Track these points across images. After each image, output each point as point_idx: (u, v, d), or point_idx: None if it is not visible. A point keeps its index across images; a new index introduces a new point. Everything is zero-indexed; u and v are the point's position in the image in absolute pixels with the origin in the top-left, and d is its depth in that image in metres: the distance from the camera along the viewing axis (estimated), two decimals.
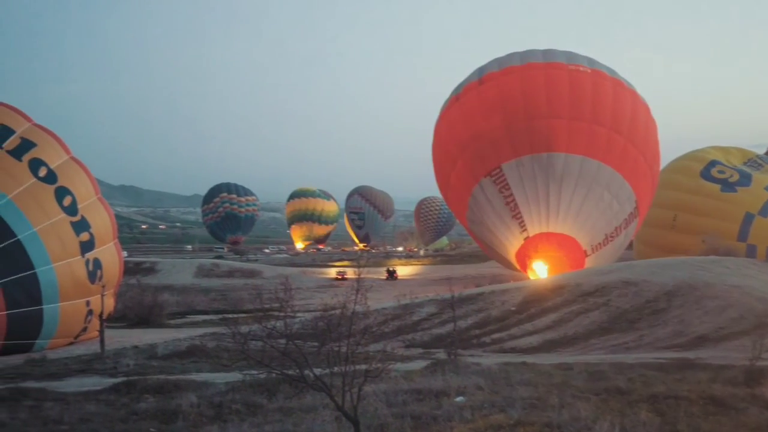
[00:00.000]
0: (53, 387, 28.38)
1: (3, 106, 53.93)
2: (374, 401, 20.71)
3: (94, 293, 49.92)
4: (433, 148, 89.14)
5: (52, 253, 48.03)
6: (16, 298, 45.94)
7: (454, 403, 21.59)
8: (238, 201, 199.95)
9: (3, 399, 24.80)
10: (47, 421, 21.39)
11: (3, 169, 48.78)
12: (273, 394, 23.54)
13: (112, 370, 35.58)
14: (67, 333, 50.49)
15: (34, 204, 48.55)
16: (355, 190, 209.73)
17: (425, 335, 50.77)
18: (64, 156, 53.25)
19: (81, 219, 50.83)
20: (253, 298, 68.60)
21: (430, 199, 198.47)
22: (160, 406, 22.75)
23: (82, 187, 52.75)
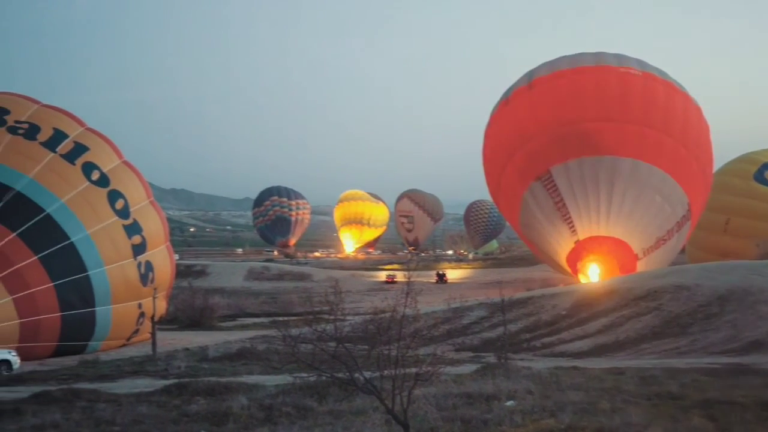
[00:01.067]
0: (106, 388, 28.62)
1: (57, 111, 54.61)
2: (424, 405, 20.63)
3: (146, 296, 50.31)
4: (483, 151, 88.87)
5: (104, 256, 48.50)
6: (70, 300, 46.46)
7: (504, 407, 21.46)
8: (288, 204, 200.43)
9: (57, 400, 25.05)
10: (100, 422, 21.56)
11: (57, 172, 49.37)
12: (323, 396, 23.54)
13: (163, 372, 35.85)
14: (120, 335, 50.96)
15: (87, 207, 49.06)
16: (404, 193, 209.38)
17: (475, 339, 50.62)
18: (117, 160, 53.79)
19: (133, 222, 51.28)
20: (303, 300, 68.91)
21: (479, 202, 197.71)
22: (210, 408, 22.85)
23: (135, 191, 53.23)
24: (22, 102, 54.03)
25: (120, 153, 54.80)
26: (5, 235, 45.43)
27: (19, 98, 54.79)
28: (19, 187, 47.24)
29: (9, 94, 55.38)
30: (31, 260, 45.45)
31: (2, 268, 44.41)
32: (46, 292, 45.49)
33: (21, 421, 21.62)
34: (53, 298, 45.77)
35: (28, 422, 21.38)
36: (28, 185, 47.63)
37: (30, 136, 50.51)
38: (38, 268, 45.59)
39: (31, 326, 44.66)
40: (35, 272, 45.42)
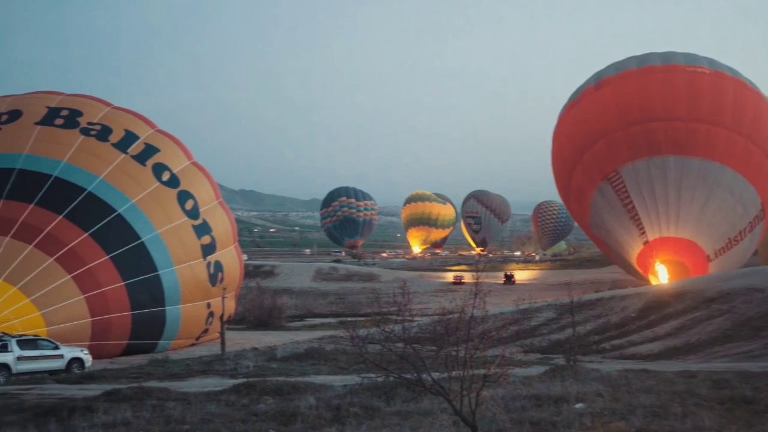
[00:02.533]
0: (175, 387, 28.86)
1: (128, 113, 55.35)
2: (492, 406, 20.52)
3: (215, 295, 50.72)
4: (552, 152, 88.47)
5: (174, 256, 49.00)
6: (140, 299, 47.00)
7: (573, 410, 21.25)
8: (356, 205, 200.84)
9: (127, 398, 25.31)
10: (170, 420, 21.74)
11: (127, 173, 49.99)
12: (391, 397, 23.51)
13: (232, 371, 36.10)
14: (189, 334, 51.44)
15: (157, 207, 49.62)
16: (471, 194, 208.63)
17: (543, 340, 50.30)
18: (186, 161, 54.33)
19: (203, 222, 51.73)
20: (371, 301, 68.91)
21: (547, 203, 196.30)
22: (279, 407, 22.93)
23: (204, 192, 53.71)
24: (94, 104, 54.85)
25: (190, 154, 55.36)
26: (78, 234, 46.09)
27: (92, 100, 55.63)
28: (90, 188, 47.93)
29: (82, 96, 56.25)
30: (102, 259, 46.07)
31: (75, 267, 45.05)
32: (117, 291, 46.06)
33: (92, 418, 21.87)
34: (124, 297, 46.34)
35: (100, 420, 21.62)
36: (100, 186, 48.30)
37: (102, 137, 51.23)
38: (110, 268, 46.18)
39: (103, 325, 45.25)
40: (107, 271, 46.02)
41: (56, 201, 46.89)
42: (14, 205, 46.36)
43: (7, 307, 42.33)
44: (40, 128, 50.78)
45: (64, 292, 44.13)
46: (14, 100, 54.50)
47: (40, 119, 51.47)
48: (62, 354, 38.49)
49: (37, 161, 48.64)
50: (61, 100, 54.49)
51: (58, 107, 52.87)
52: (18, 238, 44.99)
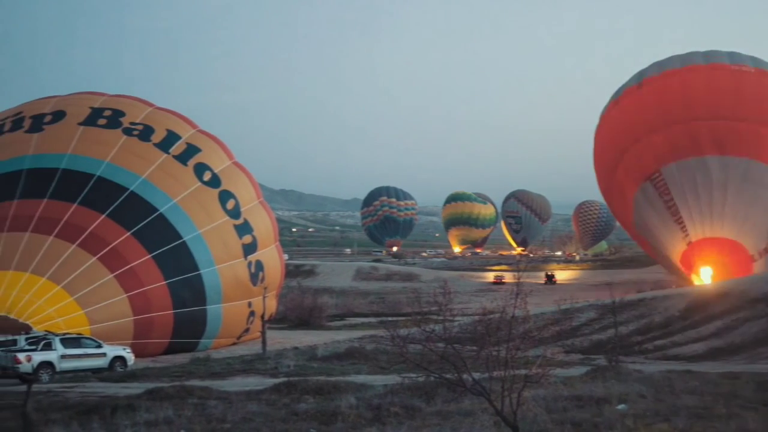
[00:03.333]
0: (217, 386, 28.98)
1: (169, 113, 55.73)
2: (533, 407, 20.37)
3: (256, 295, 50.90)
4: (594, 152, 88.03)
5: (215, 255, 49.25)
6: (182, 298, 47.29)
7: (615, 411, 21.08)
8: (397, 205, 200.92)
9: (169, 396, 25.45)
10: (211, 419, 21.82)
11: (169, 173, 50.34)
12: (431, 397, 23.45)
13: (273, 370, 36.19)
14: (230, 333, 51.67)
15: (198, 207, 49.91)
16: (511, 194, 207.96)
17: (585, 341, 50.01)
18: (228, 161, 54.60)
19: (244, 222, 51.95)
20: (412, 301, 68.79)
21: (588, 202, 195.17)
22: (319, 407, 22.94)
23: (245, 191, 53.94)
24: (136, 104, 55.30)
25: (231, 154, 55.63)
26: (120, 233, 46.48)
27: (134, 101, 56.09)
28: (133, 187, 48.32)
29: (124, 97, 56.71)
30: (145, 258, 46.41)
31: (117, 266, 45.42)
32: (159, 290, 46.38)
33: (135, 416, 22.00)
34: (166, 296, 46.66)
35: (142, 418, 21.74)
36: (142, 185, 48.69)
37: (144, 137, 51.63)
38: (152, 267, 46.52)
39: (145, 323, 45.59)
40: (149, 270, 46.35)
41: (99, 200, 47.33)
42: (58, 204, 46.85)
43: (51, 306, 42.78)
44: (84, 128, 51.29)
45: (106, 291, 44.52)
46: (58, 101, 55.09)
47: (84, 119, 51.99)
48: (105, 352, 38.80)
49: (80, 161, 49.14)
50: (104, 100, 54.99)
51: (101, 107, 53.35)
52: (61, 237, 45.46)
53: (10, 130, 52.37)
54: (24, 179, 48.23)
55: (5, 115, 54.86)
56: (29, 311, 42.26)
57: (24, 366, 35.29)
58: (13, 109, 55.69)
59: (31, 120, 52.59)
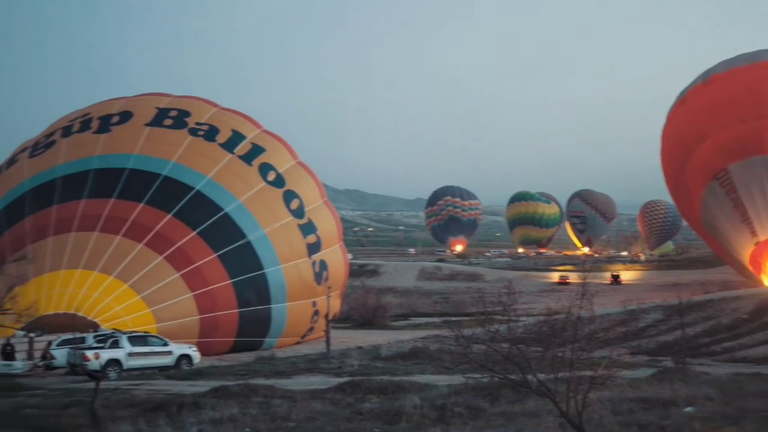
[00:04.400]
0: (281, 384, 29.09)
1: (234, 113, 56.16)
2: (599, 409, 20.16)
3: (320, 294, 51.04)
4: (661, 151, 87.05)
5: (280, 255, 49.49)
6: (247, 298, 47.60)
7: (682, 414, 20.81)
8: (461, 204, 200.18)
9: (234, 394, 25.61)
10: (275, 417, 21.90)
11: (234, 173, 50.71)
12: (495, 398, 23.33)
13: (337, 369, 36.24)
14: (295, 332, 51.89)
15: (263, 207, 50.21)
16: (576, 193, 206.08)
17: (651, 342, 49.45)
18: (292, 161, 54.86)
19: (308, 222, 52.15)
20: (476, 301, 68.54)
21: (654, 202, 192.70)
22: (383, 406, 22.92)
23: (309, 191, 54.15)
24: (202, 105, 55.82)
25: (295, 154, 55.88)
26: (186, 233, 46.94)
27: (200, 101, 56.62)
28: (198, 187, 48.77)
29: (190, 98, 57.27)
30: (210, 258, 46.81)
31: (183, 265, 45.87)
32: (224, 289, 46.74)
33: (200, 414, 22.18)
34: (231, 295, 47.00)
35: (207, 416, 21.91)
36: (208, 185, 49.12)
37: (210, 137, 52.09)
38: (217, 266, 46.90)
39: (211, 322, 45.96)
40: (214, 270, 46.74)
41: (165, 200, 47.85)
42: (125, 204, 47.48)
43: (119, 304, 43.36)
44: (150, 129, 51.91)
45: (173, 290, 44.99)
46: (125, 102, 55.82)
47: (150, 120, 52.62)
48: (171, 350, 39.16)
49: (147, 161, 49.75)
50: (169, 101, 55.60)
51: (167, 108, 53.94)
52: (129, 236, 46.06)
53: (78, 131, 53.22)
54: (92, 179, 48.94)
55: (74, 117, 55.75)
56: (97, 309, 42.89)
57: (92, 363, 35.75)
58: (81, 111, 56.57)
59: (99, 121, 53.38)
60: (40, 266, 43.95)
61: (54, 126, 56.31)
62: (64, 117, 57.24)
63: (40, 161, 51.99)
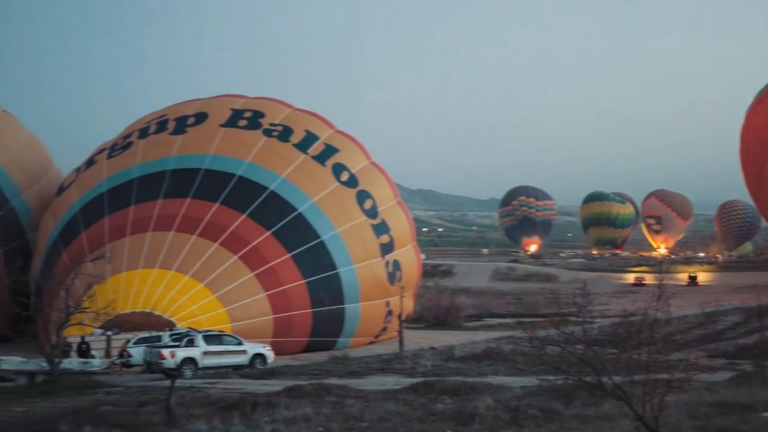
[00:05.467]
0: (354, 384, 29.14)
1: (308, 114, 56.45)
2: (676, 413, 19.88)
3: (393, 294, 51.03)
4: (740, 151, 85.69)
5: (353, 255, 49.61)
6: (321, 297, 47.78)
7: (761, 418, 20.39)
8: (536, 205, 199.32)
9: (308, 394, 25.72)
10: (348, 417, 21.95)
11: (308, 173, 50.97)
12: (570, 400, 23.10)
13: (410, 370, 36.17)
14: (368, 332, 51.98)
15: (336, 207, 50.38)
16: (651, 193, 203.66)
17: (730, 345, 48.62)
18: (365, 161, 54.98)
19: (381, 222, 52.19)
20: (550, 302, 67.83)
21: (732, 202, 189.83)
22: (456, 407, 22.84)
23: (382, 191, 54.20)
24: (276, 106, 56.22)
25: (368, 154, 56.00)
26: (260, 233, 47.30)
27: (274, 102, 57.02)
28: (273, 187, 49.12)
29: (264, 99, 57.67)
30: (284, 258, 47.10)
31: (258, 265, 46.22)
32: (298, 289, 46.98)
33: (274, 413, 22.32)
34: (305, 295, 47.23)
35: (281, 415, 22.03)
36: (282, 185, 49.47)
37: (283, 138, 52.45)
38: (291, 266, 47.17)
39: (284, 322, 46.24)
40: (288, 270, 47.01)
41: (240, 200, 48.29)
42: (200, 204, 48.01)
43: (194, 303, 43.85)
44: (225, 130, 52.44)
45: (247, 290, 45.36)
46: (201, 104, 56.45)
47: (225, 121, 53.15)
48: (246, 350, 39.38)
49: (222, 161, 50.26)
50: (244, 102, 56.10)
51: (242, 109, 54.43)
52: (204, 236, 46.57)
53: (155, 133, 54.00)
54: (168, 180, 49.60)
55: (150, 118, 56.57)
56: (173, 308, 43.41)
57: (168, 362, 36.12)
58: (158, 112, 57.38)
59: (175, 122, 54.09)
60: (117, 265, 44.63)
61: (131, 127, 57.19)
62: (141, 119, 58.14)
63: (117, 162, 52.85)
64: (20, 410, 26.80)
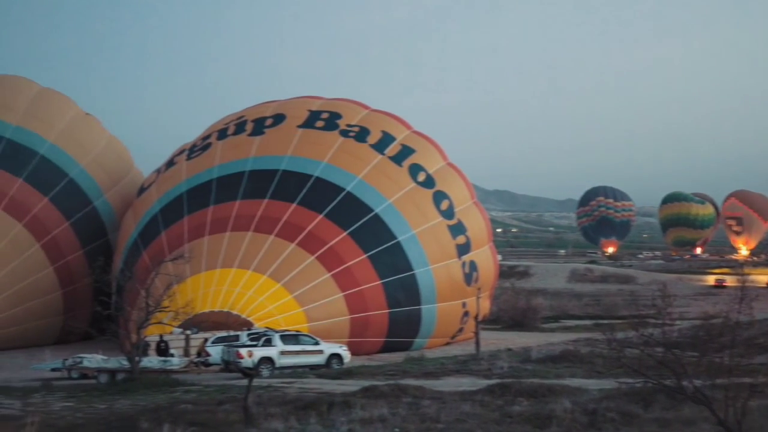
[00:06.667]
0: (430, 385, 29.08)
1: (385, 114, 56.57)
2: (759, 418, 19.49)
3: (470, 295, 50.86)
4: None
5: (430, 255, 49.57)
6: (397, 298, 47.84)
7: None
8: (614, 205, 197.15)
9: (384, 394, 25.73)
10: (425, 418, 21.94)
11: (385, 173, 51.07)
12: (649, 403, 22.77)
13: (486, 371, 35.99)
14: (444, 333, 51.90)
15: (413, 207, 50.39)
16: (732, 194, 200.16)
17: None
18: (442, 161, 54.92)
19: (458, 222, 52.08)
20: (628, 304, 67.02)
21: None
22: (533, 409, 22.68)
23: (459, 192, 54.09)
24: (353, 107, 56.45)
25: (445, 155, 55.92)
26: (337, 233, 47.54)
27: (350, 103, 57.27)
28: (349, 188, 49.33)
29: (341, 100, 57.94)
30: (360, 258, 47.27)
31: (334, 265, 46.46)
32: (374, 289, 47.10)
33: (350, 413, 22.39)
34: (381, 296, 47.33)
35: (357, 415, 22.10)
36: (358, 186, 49.66)
37: (360, 138, 52.64)
38: (367, 266, 47.31)
39: (361, 322, 46.39)
40: (365, 270, 47.16)
41: (317, 200, 48.58)
42: (278, 204, 48.43)
43: (272, 303, 44.23)
44: (303, 131, 52.82)
45: (324, 290, 45.62)
46: (278, 105, 56.94)
47: (303, 122, 53.53)
48: (322, 349, 39.56)
49: (299, 162, 50.64)
50: (321, 103, 56.41)
51: (319, 110, 54.76)
52: (281, 236, 46.96)
53: (233, 134, 54.59)
54: (246, 180, 50.12)
55: (229, 120, 57.20)
56: (251, 308, 43.85)
57: (246, 361, 36.46)
58: (236, 114, 57.99)
59: (253, 124, 54.61)
60: (196, 265, 45.19)
61: (210, 129, 57.90)
62: (220, 120, 58.82)
63: (196, 163, 53.55)
64: (102, 407, 27.29)
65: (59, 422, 24.10)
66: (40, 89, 61.13)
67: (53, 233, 53.91)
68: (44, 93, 60.88)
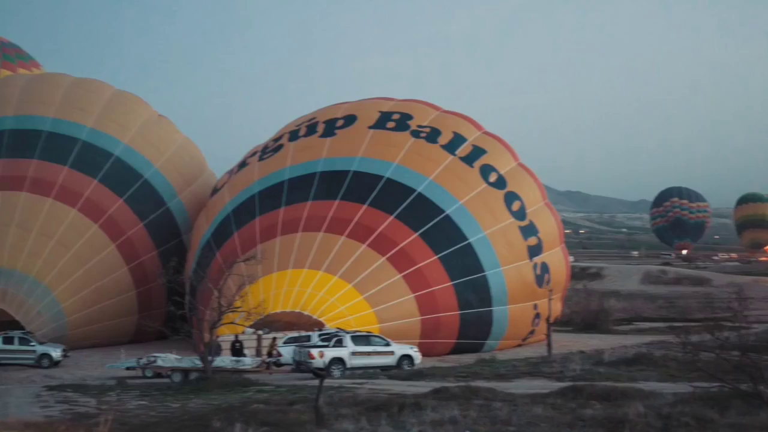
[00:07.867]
0: (502, 387, 28.99)
1: (456, 116, 56.49)
2: None
3: (541, 297, 50.57)
4: None
5: (501, 257, 49.38)
6: (468, 299, 47.74)
7: None
8: (689, 207, 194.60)
9: (455, 396, 25.71)
10: (496, 420, 21.86)
11: (456, 174, 50.99)
12: (724, 408, 22.40)
13: (558, 374, 35.75)
14: (515, 335, 51.64)
15: (484, 208, 50.24)
16: None
17: None
18: (513, 162, 54.68)
19: (529, 224, 51.81)
20: (703, 306, 66.16)
21: None
22: (606, 413, 22.47)
23: (530, 193, 53.80)
24: (423, 108, 56.46)
25: (516, 155, 55.68)
26: (408, 234, 47.57)
27: (421, 104, 57.30)
28: (420, 189, 49.35)
29: (412, 101, 57.99)
30: (431, 259, 47.25)
31: (405, 266, 46.49)
32: (445, 290, 47.05)
33: (421, 415, 22.40)
34: (452, 297, 47.26)
35: (428, 417, 22.10)
36: (429, 187, 49.66)
37: (431, 139, 52.62)
38: (438, 268, 47.28)
39: (432, 323, 46.36)
40: (435, 271, 47.13)
41: (388, 201, 48.66)
42: (349, 205, 48.61)
43: (343, 304, 44.41)
44: (373, 132, 52.94)
45: (395, 291, 45.68)
46: (350, 106, 57.15)
47: (374, 123, 53.66)
48: (393, 351, 39.62)
49: (370, 163, 50.77)
50: (392, 105, 56.48)
51: (390, 112, 54.82)
52: (352, 237, 47.13)
53: (305, 135, 54.91)
54: (318, 181, 50.40)
55: (300, 121, 57.56)
56: (322, 308, 44.10)
57: (317, 361, 36.66)
58: (308, 116, 58.32)
59: (324, 125, 54.88)
60: (268, 266, 45.51)
61: (282, 130, 58.33)
62: (292, 122, 59.21)
63: (268, 164, 53.97)
64: (175, 406, 27.67)
65: (133, 420, 24.52)
66: (115, 91, 62.14)
67: (128, 234, 54.69)
68: (119, 95, 61.84)
